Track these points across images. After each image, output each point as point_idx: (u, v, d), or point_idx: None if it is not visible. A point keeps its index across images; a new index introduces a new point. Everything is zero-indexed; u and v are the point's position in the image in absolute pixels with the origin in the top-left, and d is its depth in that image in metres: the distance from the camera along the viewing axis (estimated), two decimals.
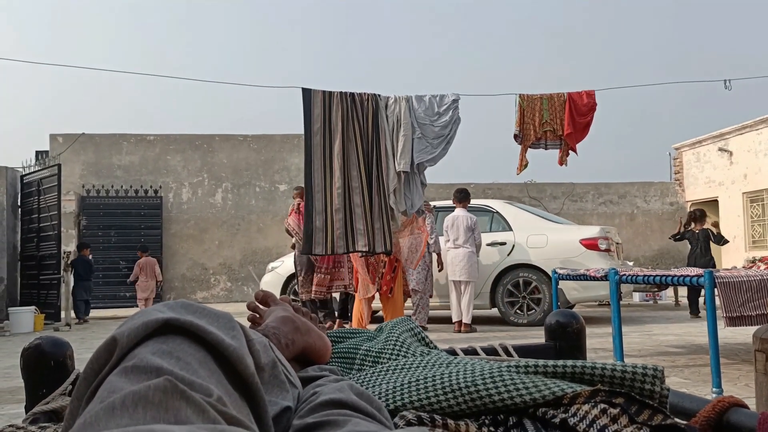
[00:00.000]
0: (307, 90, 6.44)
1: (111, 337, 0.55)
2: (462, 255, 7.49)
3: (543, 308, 7.99)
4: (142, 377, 0.50)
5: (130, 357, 0.53)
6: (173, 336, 0.56)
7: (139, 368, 0.51)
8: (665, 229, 17.61)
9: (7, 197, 11.71)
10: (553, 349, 1.20)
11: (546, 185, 17.45)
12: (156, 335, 0.55)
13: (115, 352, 0.54)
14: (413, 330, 1.08)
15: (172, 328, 0.56)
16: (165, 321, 0.56)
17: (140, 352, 0.53)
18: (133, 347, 0.54)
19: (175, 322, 0.56)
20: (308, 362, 0.94)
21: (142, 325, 0.56)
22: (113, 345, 0.54)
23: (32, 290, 11.29)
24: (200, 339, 0.56)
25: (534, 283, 8.10)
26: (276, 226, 15.99)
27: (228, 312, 0.63)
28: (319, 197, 6.32)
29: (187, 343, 0.55)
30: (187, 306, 0.60)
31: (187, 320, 0.57)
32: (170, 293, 15.59)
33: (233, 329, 0.61)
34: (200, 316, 0.59)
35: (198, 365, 0.53)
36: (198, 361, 0.54)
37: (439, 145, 6.64)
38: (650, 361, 5.07)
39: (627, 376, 0.78)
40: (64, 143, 15.40)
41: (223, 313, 0.63)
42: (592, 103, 7.18)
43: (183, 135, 16.13)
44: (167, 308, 0.59)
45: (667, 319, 8.69)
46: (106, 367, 0.53)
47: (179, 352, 0.54)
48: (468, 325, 7.51)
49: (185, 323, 0.56)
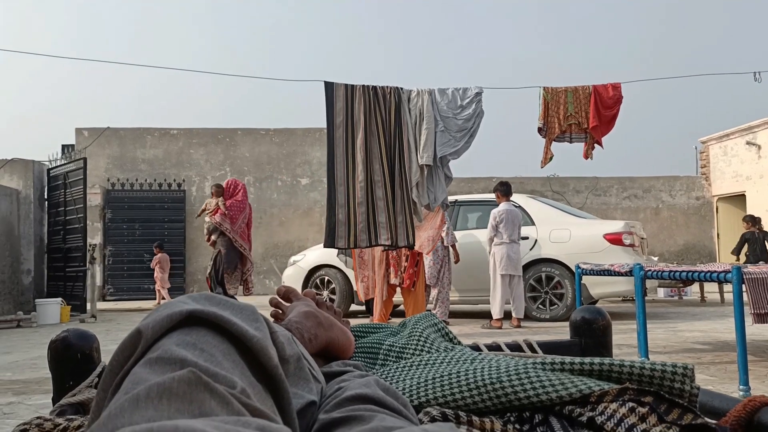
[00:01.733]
0: (330, 83, 6.44)
1: (136, 329, 0.55)
2: (518, 250, 7.51)
3: (566, 303, 7.93)
4: (166, 369, 0.50)
5: (154, 349, 0.53)
6: (197, 328, 0.56)
7: (164, 360, 0.51)
8: (691, 223, 17.38)
9: (34, 191, 11.89)
10: (579, 345, 1.19)
11: (569, 179, 17.31)
12: (180, 327, 0.56)
13: (140, 344, 0.54)
14: (437, 325, 1.07)
15: (196, 320, 0.56)
16: (189, 313, 0.56)
17: (165, 343, 0.53)
18: (157, 339, 0.54)
19: (199, 313, 0.57)
20: (332, 357, 0.94)
21: (167, 317, 0.56)
22: (138, 337, 0.55)
23: (59, 282, 11.47)
24: (224, 330, 0.56)
25: (556, 278, 8.04)
26: (298, 219, 16.06)
27: (251, 304, 0.63)
28: (342, 191, 6.32)
29: (210, 335, 0.55)
30: (210, 298, 0.60)
31: (210, 312, 0.57)
32: (193, 286, 15.75)
33: (257, 321, 0.61)
34: (224, 307, 0.59)
35: (222, 357, 0.53)
36: (222, 352, 0.54)
37: (462, 138, 6.60)
38: (675, 357, 5.01)
39: (656, 374, 0.77)
40: (89, 137, 15.60)
41: (247, 305, 0.63)
42: (618, 96, 7.09)
43: (206, 129, 16.26)
44: (191, 300, 0.59)
45: (693, 315, 8.58)
46: (131, 359, 0.54)
47: (203, 344, 0.54)
48: (519, 320, 7.47)
49: (209, 315, 0.57)
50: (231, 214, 7.97)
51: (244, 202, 8.20)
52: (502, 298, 7.44)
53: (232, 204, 8.03)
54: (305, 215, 16.08)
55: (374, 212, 6.38)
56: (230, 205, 8.00)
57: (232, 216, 7.97)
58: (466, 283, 8.33)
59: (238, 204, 8.09)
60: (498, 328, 7.29)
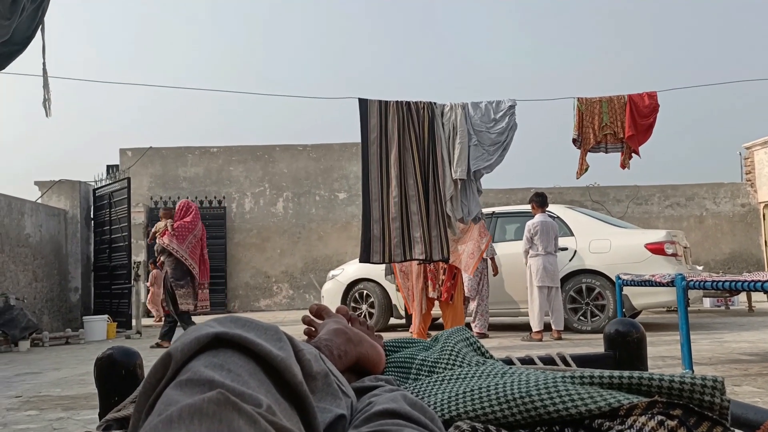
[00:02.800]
0: (363, 100, 6.50)
1: (166, 352, 0.59)
2: (555, 261, 7.47)
3: (607, 314, 7.80)
4: (196, 390, 0.53)
5: (184, 371, 0.56)
6: (224, 349, 0.58)
7: (193, 381, 0.54)
8: (736, 231, 16.94)
9: (81, 210, 12.25)
10: (613, 358, 1.19)
11: (609, 188, 17.05)
12: (208, 349, 0.58)
13: (170, 366, 0.57)
14: (469, 339, 1.08)
15: (223, 342, 0.59)
16: (215, 335, 0.59)
17: (194, 365, 0.56)
18: (186, 361, 0.57)
19: (225, 335, 0.59)
20: (364, 372, 0.96)
21: (195, 340, 0.59)
22: (168, 360, 0.58)
23: (105, 299, 11.74)
24: (249, 351, 0.59)
25: (597, 288, 7.93)
26: (336, 233, 16.16)
27: (275, 324, 0.66)
28: (376, 206, 6.36)
29: (237, 356, 0.58)
30: (236, 320, 0.64)
31: (236, 334, 0.60)
32: (234, 302, 15.95)
33: (280, 340, 0.63)
34: (249, 329, 0.62)
35: (248, 376, 0.56)
36: (248, 372, 0.57)
37: (495, 152, 6.59)
38: (721, 369, 4.89)
39: (686, 387, 0.76)
40: (133, 157, 16.00)
41: (271, 326, 0.65)
42: (654, 104, 6.99)
43: (244, 146, 16.52)
44: (217, 323, 0.62)
45: (740, 325, 8.34)
46: (162, 381, 0.57)
47: (230, 365, 0.56)
48: (559, 332, 7.40)
49: (234, 336, 0.59)
50: (178, 234, 8.19)
51: (194, 223, 8.42)
52: (540, 310, 7.36)
53: (180, 225, 8.27)
54: (343, 229, 16.17)
55: (409, 227, 6.40)
56: (178, 227, 8.24)
57: (179, 235, 8.20)
58: (505, 295, 8.27)
59: (187, 225, 8.34)
60: (538, 340, 7.21)
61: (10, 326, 8.74)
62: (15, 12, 3.99)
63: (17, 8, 3.99)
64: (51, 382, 5.61)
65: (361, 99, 6.51)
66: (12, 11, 3.97)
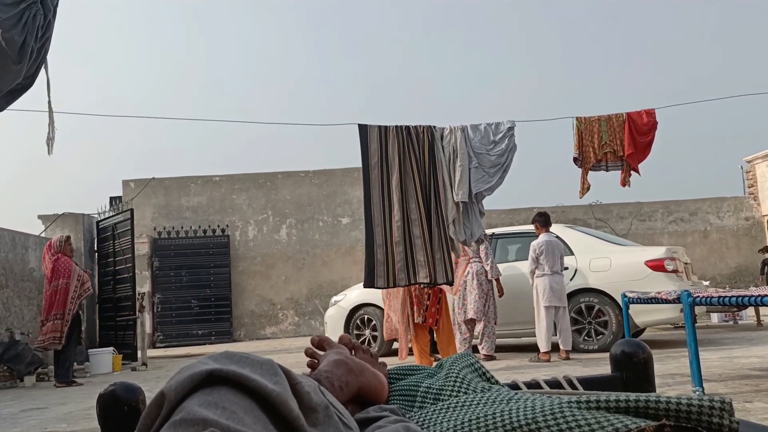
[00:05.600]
0: (363, 126, 6.54)
1: (160, 392, 0.58)
2: (561, 280, 7.44)
3: (612, 330, 7.74)
4: (189, 430, 0.52)
5: (178, 411, 0.55)
6: (218, 386, 0.58)
7: (187, 421, 0.53)
8: (741, 245, 16.88)
9: (85, 243, 12.27)
10: (620, 380, 1.18)
11: (612, 206, 17.04)
12: (202, 387, 0.58)
13: (164, 406, 0.57)
14: (474, 365, 1.08)
15: (217, 379, 0.59)
16: (209, 372, 0.59)
17: (187, 405, 0.56)
18: (180, 400, 0.57)
19: (219, 372, 0.59)
20: (367, 402, 0.95)
21: (188, 379, 0.58)
22: (162, 400, 0.57)
23: (110, 331, 11.70)
24: (244, 387, 0.59)
25: (597, 306, 7.88)
26: (340, 258, 16.14)
27: (270, 359, 0.66)
28: (379, 231, 6.36)
29: (232, 393, 0.58)
30: (230, 356, 0.63)
31: (230, 370, 0.59)
32: (240, 330, 15.89)
33: (275, 375, 0.63)
34: (243, 365, 0.62)
35: (243, 413, 0.55)
36: (243, 409, 0.56)
37: (495, 173, 6.61)
38: (732, 385, 4.84)
39: (693, 409, 0.76)
40: (135, 188, 16.06)
41: (266, 360, 0.65)
42: (652, 122, 7.01)
43: (247, 174, 16.58)
44: (211, 360, 0.62)
45: (749, 340, 8.27)
46: (156, 422, 0.56)
47: (224, 402, 0.56)
48: (567, 352, 7.34)
49: (228, 373, 0.59)
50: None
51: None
52: (547, 330, 7.31)
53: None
54: (347, 254, 16.16)
55: (412, 251, 6.40)
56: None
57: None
58: (511, 316, 8.22)
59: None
60: (546, 361, 7.15)
61: (15, 361, 8.72)
62: (24, 56, 4.08)
63: (26, 52, 4.08)
64: (57, 418, 5.58)
65: (361, 125, 6.55)
66: (21, 55, 4.06)
